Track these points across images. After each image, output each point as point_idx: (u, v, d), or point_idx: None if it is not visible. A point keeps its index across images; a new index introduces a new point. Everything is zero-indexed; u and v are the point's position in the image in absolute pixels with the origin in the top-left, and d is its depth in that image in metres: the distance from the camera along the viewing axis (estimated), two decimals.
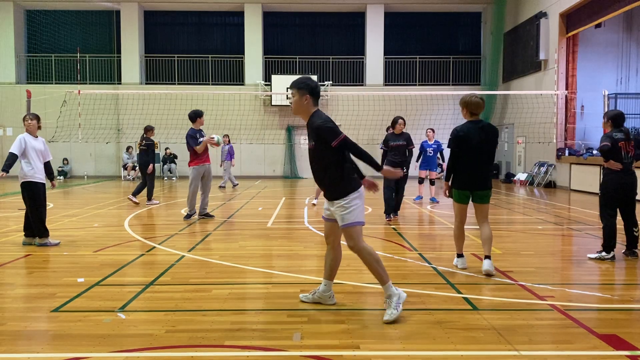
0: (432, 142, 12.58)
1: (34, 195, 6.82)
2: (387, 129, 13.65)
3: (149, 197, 12.04)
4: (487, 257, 5.36)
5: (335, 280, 5.05)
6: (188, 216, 9.36)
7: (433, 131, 12.62)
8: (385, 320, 3.91)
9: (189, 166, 9.22)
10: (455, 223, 5.60)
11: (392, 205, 9.28)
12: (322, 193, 12.07)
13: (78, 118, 16.54)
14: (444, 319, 3.99)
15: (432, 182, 12.61)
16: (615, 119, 6.17)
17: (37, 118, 7.04)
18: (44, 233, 6.87)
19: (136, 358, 3.28)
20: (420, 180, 12.71)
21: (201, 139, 9.09)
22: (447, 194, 5.59)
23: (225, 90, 20.90)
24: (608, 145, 5.98)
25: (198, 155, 9.13)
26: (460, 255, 5.67)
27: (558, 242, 7.72)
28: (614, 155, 6.00)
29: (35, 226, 6.82)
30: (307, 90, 4.32)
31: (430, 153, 12.51)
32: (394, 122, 9.24)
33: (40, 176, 6.89)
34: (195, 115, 9.26)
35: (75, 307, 4.29)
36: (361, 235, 4.11)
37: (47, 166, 7.12)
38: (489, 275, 5.24)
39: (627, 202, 6.11)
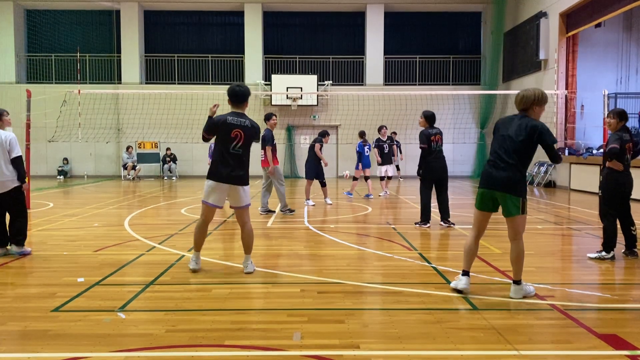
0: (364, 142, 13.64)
1: (24, 199, 6.34)
2: (380, 129, 13.77)
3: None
4: (515, 282, 4.55)
5: (335, 280, 5.08)
6: (290, 211, 10.02)
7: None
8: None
9: (274, 165, 9.72)
10: (470, 233, 4.76)
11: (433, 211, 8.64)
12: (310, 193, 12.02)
13: (78, 118, 16.52)
14: (443, 318, 3.99)
15: (355, 179, 13.61)
16: (622, 116, 6.13)
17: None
18: (24, 240, 6.31)
19: (136, 358, 3.28)
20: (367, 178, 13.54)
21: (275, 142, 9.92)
22: None
23: (225, 90, 20.85)
24: (617, 147, 5.95)
25: (275, 155, 9.81)
26: (465, 273, 4.64)
27: (558, 241, 7.72)
28: (620, 156, 6.00)
29: (23, 233, 6.27)
30: (227, 94, 5.43)
31: (367, 152, 13.51)
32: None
33: None
34: (266, 118, 9.91)
35: (75, 306, 4.29)
36: (203, 212, 5.42)
37: None
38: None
39: (624, 202, 6.13)
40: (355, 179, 13.60)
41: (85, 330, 3.75)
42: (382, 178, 13.90)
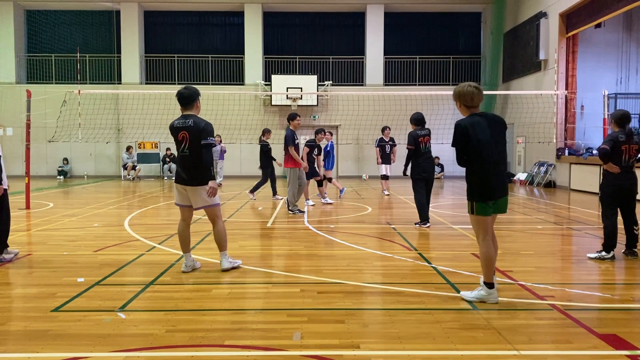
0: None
1: (5, 202, 6.00)
2: (384, 130, 13.94)
3: (274, 193, 12.93)
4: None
5: (335, 280, 5.08)
6: (299, 210, 10.07)
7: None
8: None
9: (286, 167, 9.99)
10: (486, 242, 4.35)
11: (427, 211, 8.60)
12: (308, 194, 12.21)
13: (78, 118, 16.52)
14: (443, 318, 3.99)
15: (330, 179, 13.54)
16: (618, 120, 6.11)
17: None
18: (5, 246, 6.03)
19: (136, 358, 3.28)
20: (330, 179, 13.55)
21: (297, 141, 10.03)
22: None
23: (225, 90, 20.90)
24: (606, 149, 5.95)
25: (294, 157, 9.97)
26: (490, 285, 4.36)
27: (558, 241, 7.72)
28: (614, 157, 5.99)
29: (5, 238, 5.99)
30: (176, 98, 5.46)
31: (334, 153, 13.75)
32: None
33: None
34: (288, 118, 10.07)
35: (75, 306, 4.29)
36: (180, 213, 5.59)
37: None
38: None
39: (627, 202, 6.11)
40: (330, 179, 13.47)
41: (85, 330, 3.75)
42: (382, 177, 14.10)
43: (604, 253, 6.04)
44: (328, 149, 13.44)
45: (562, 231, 8.53)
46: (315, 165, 11.71)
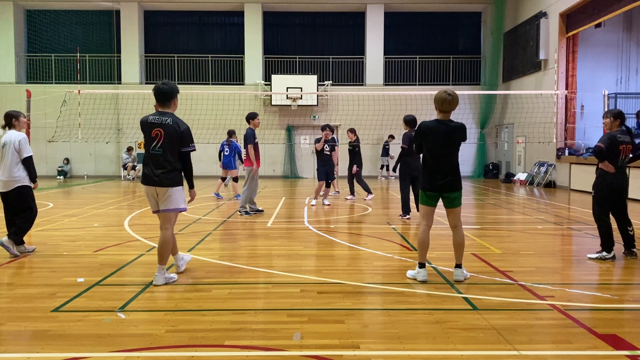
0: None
1: (28, 199, 6.34)
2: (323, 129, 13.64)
3: (368, 191, 12.83)
4: (458, 265, 5.10)
5: (335, 280, 5.08)
6: (247, 212, 9.96)
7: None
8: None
9: (245, 166, 9.88)
10: (421, 227, 5.12)
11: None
12: (321, 193, 12.16)
13: (78, 118, 16.53)
14: (444, 318, 3.99)
15: (235, 179, 13.42)
16: (619, 115, 6.10)
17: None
18: (19, 240, 6.39)
19: (136, 358, 3.28)
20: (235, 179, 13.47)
21: (256, 140, 9.85)
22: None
23: (225, 90, 20.90)
24: (602, 147, 5.97)
25: (258, 156, 9.85)
26: (422, 266, 5.09)
27: (558, 242, 7.72)
28: (611, 157, 5.99)
29: (20, 233, 6.30)
30: (153, 93, 5.14)
31: (227, 152, 13.47)
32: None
33: None
34: (248, 117, 9.96)
35: (75, 307, 4.29)
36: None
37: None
38: (458, 282, 5.02)
39: (619, 203, 6.11)
40: (236, 179, 13.40)
41: (85, 330, 3.75)
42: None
43: (604, 253, 6.04)
44: (220, 148, 13.26)
45: (562, 231, 8.53)
46: (334, 162, 11.68)
